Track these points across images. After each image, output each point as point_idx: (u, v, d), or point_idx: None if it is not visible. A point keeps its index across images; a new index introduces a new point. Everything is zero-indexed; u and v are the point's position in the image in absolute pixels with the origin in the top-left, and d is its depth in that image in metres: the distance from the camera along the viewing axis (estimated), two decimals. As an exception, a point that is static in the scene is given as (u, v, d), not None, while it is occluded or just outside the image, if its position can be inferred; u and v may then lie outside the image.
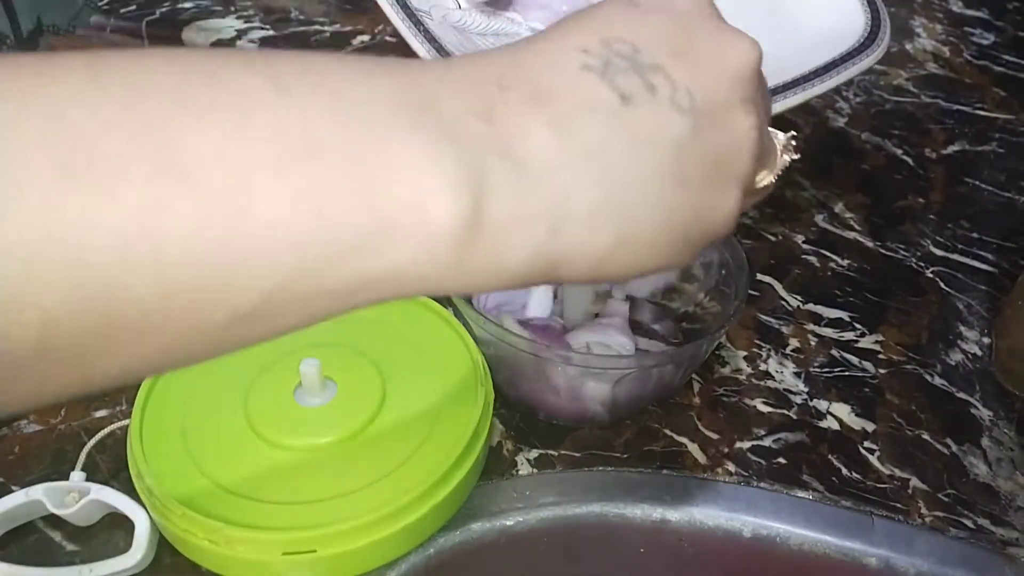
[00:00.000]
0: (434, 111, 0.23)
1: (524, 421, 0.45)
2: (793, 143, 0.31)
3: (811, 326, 0.52)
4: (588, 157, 0.25)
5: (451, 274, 0.23)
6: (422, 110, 0.23)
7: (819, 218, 0.61)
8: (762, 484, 0.43)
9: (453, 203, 0.22)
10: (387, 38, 0.78)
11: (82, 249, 0.18)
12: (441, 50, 0.51)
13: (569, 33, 0.26)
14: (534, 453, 0.44)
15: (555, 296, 0.49)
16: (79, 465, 0.41)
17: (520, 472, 0.43)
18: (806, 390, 0.48)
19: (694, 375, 0.48)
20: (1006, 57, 0.82)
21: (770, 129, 0.30)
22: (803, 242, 0.59)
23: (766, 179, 0.30)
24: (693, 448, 0.45)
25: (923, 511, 0.42)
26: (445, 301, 0.45)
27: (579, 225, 0.25)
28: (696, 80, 0.27)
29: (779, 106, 0.46)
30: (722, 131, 0.27)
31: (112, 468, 0.41)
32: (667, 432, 0.45)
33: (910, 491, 0.43)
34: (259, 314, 0.22)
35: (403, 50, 0.79)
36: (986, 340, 0.52)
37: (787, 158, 0.31)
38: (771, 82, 0.38)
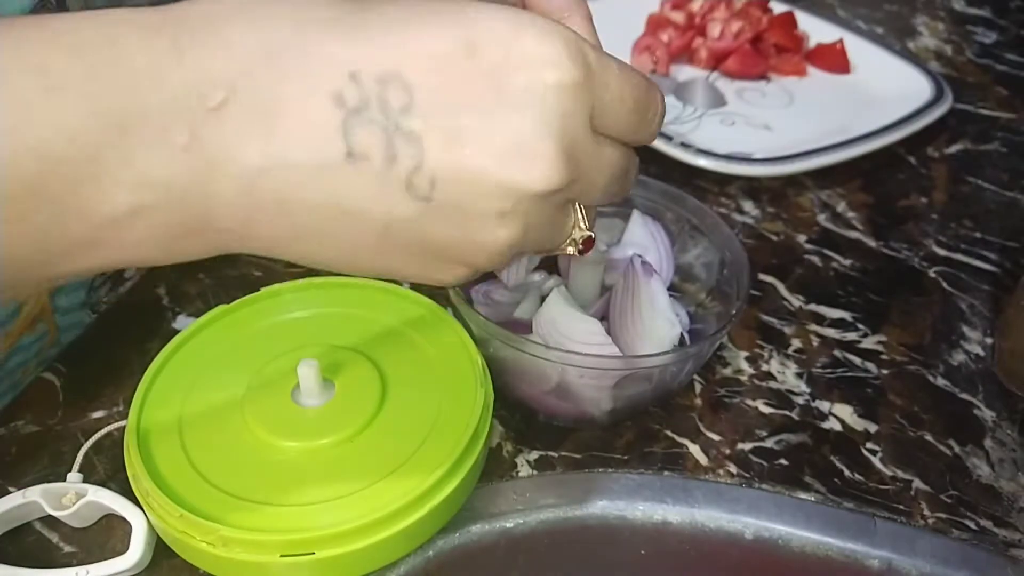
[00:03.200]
0: (139, 125, 0.23)
1: (524, 422, 0.45)
2: (580, 246, 0.30)
3: (813, 326, 0.52)
4: (277, 205, 0.24)
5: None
6: (123, 124, 0.23)
7: (821, 217, 0.61)
8: (764, 486, 0.43)
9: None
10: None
11: None
12: None
13: (362, 41, 0.24)
14: (534, 454, 0.43)
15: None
16: (76, 467, 0.40)
17: (520, 474, 0.43)
18: (808, 391, 0.48)
19: (695, 376, 0.48)
20: (1008, 56, 0.81)
21: (581, 219, 0.30)
22: (805, 242, 0.58)
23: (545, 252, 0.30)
24: (694, 449, 0.44)
25: (925, 512, 0.42)
26: (445, 301, 0.44)
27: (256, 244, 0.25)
28: (451, 172, 0.24)
29: (854, 151, 0.65)
30: (459, 231, 0.25)
31: (109, 470, 0.41)
32: (668, 433, 0.45)
33: (912, 492, 0.43)
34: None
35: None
36: (989, 341, 0.52)
37: (571, 250, 0.31)
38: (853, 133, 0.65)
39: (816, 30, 0.79)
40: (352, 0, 0.25)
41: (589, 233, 0.30)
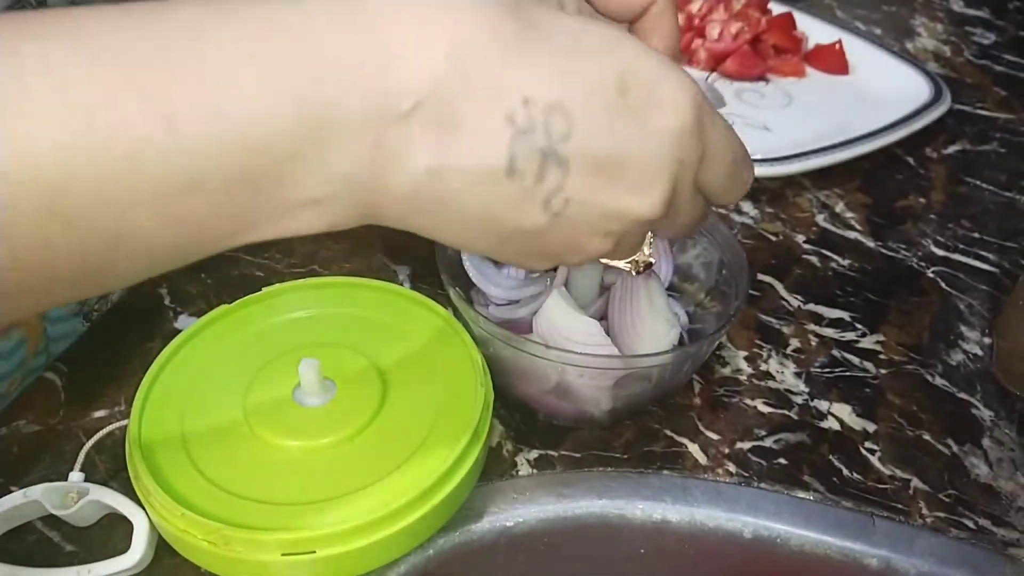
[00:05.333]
0: (336, 125, 0.25)
1: (524, 421, 0.45)
2: (642, 265, 0.38)
3: (812, 326, 0.52)
4: (435, 204, 0.27)
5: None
6: (324, 122, 0.25)
7: (820, 218, 0.61)
8: (763, 485, 0.43)
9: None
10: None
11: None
12: None
13: (534, 67, 0.26)
14: (534, 454, 0.44)
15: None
16: (78, 466, 0.41)
17: (520, 473, 0.43)
18: (807, 390, 0.48)
19: (695, 375, 0.48)
20: (1007, 57, 0.82)
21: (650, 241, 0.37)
22: (804, 242, 0.58)
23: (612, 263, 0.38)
24: (693, 449, 0.44)
25: (924, 512, 0.42)
26: (445, 301, 0.45)
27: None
28: (585, 195, 0.28)
29: (853, 152, 0.65)
30: (566, 241, 0.29)
31: (111, 469, 0.41)
32: (667, 433, 0.45)
33: (911, 492, 0.43)
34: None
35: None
36: (987, 340, 0.52)
37: (625, 267, 0.39)
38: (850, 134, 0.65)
39: (815, 31, 0.79)
40: (518, 13, 0.27)
41: (649, 259, 0.35)
